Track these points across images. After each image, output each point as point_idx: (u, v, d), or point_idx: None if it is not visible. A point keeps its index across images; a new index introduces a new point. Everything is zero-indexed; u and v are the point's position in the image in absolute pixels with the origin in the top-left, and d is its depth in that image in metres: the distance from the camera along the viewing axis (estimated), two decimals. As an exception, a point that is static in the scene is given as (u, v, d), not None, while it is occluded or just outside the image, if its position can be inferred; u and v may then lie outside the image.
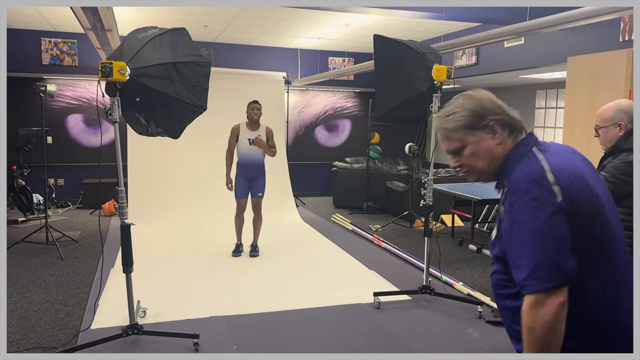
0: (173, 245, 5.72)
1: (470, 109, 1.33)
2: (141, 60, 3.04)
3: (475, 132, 1.33)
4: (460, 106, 1.34)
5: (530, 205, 1.19)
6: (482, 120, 1.32)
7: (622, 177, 2.30)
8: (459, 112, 1.33)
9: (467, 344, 3.32)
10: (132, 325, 3.20)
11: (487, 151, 1.33)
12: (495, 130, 1.31)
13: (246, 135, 5.20)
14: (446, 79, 3.77)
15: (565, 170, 1.23)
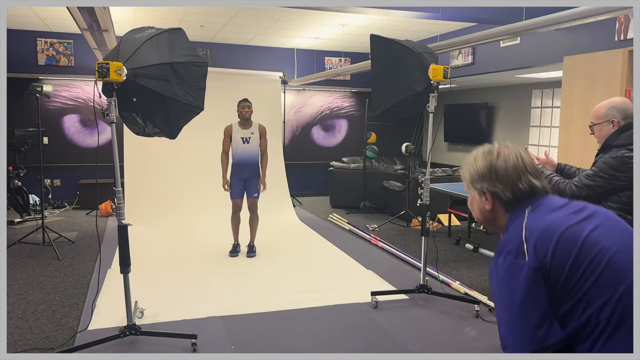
0: (170, 246, 5.72)
1: (476, 168, 1.37)
2: (138, 60, 3.03)
3: (472, 188, 1.39)
4: (474, 160, 1.38)
5: (505, 271, 1.21)
6: (478, 183, 1.35)
7: (611, 172, 2.33)
8: (470, 165, 1.39)
9: (464, 343, 3.33)
10: (130, 325, 3.20)
11: (480, 209, 1.39)
12: (487, 197, 1.35)
13: (239, 134, 5.20)
14: (443, 78, 3.77)
15: (539, 228, 1.22)
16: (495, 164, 1.33)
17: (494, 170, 1.33)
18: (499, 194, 1.32)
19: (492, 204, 1.34)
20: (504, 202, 1.32)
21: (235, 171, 5.26)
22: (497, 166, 1.33)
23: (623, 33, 4.43)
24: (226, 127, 5.27)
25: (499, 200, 1.33)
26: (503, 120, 8.36)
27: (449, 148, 9.83)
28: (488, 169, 1.34)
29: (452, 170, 7.54)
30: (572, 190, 2.45)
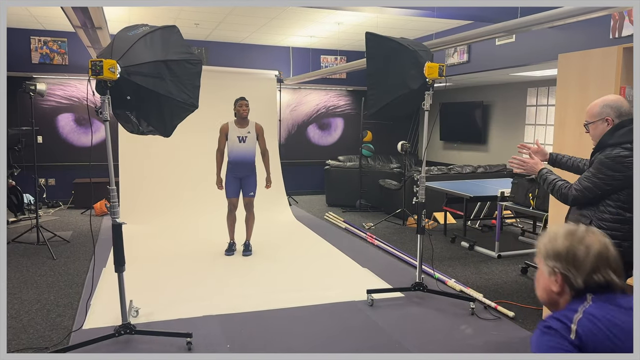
0: (165, 245, 5.70)
1: (554, 246, 1.28)
2: (132, 58, 3.02)
3: (544, 263, 1.30)
4: (554, 237, 1.29)
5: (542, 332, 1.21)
6: (552, 261, 1.27)
7: (609, 172, 2.33)
8: (548, 240, 1.30)
9: (460, 341, 3.33)
10: (125, 325, 3.18)
11: (545, 287, 1.31)
12: (557, 279, 1.27)
13: (235, 133, 5.18)
14: (438, 76, 3.77)
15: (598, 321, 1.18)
16: (575, 248, 1.24)
17: (573, 254, 1.24)
18: (570, 279, 1.24)
19: (560, 287, 1.26)
20: (573, 287, 1.25)
21: (230, 170, 5.25)
22: (578, 251, 1.24)
23: (618, 30, 4.44)
24: (222, 125, 5.24)
25: (568, 284, 1.25)
26: (498, 119, 8.37)
27: (445, 146, 9.84)
28: (567, 250, 1.25)
29: (448, 169, 7.55)
30: (574, 194, 2.44)
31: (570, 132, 3.22)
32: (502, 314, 3.75)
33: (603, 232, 1.32)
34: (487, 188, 6.10)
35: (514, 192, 4.92)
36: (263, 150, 5.36)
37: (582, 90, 3.12)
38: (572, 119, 3.20)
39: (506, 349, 3.23)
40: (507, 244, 5.81)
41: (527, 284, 4.51)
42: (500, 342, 3.33)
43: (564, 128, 3.27)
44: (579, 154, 3.16)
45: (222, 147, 5.25)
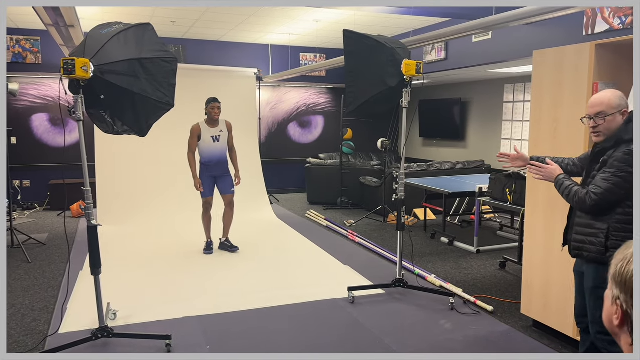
0: (144, 246, 5.62)
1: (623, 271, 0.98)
2: (105, 56, 2.96)
3: (611, 285, 1.02)
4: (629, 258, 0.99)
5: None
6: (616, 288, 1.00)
7: (629, 169, 2.19)
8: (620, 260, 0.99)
9: (439, 336, 3.36)
10: (102, 328, 3.13)
11: (608, 314, 1.04)
12: (617, 312, 0.99)
13: (209, 133, 5.13)
14: (415, 73, 3.79)
15: None
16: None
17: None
18: (632, 317, 0.96)
19: (620, 322, 0.99)
20: (633, 330, 0.98)
21: (206, 169, 5.19)
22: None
23: (590, 27, 4.52)
24: (193, 127, 5.12)
25: (629, 325, 0.97)
26: (476, 115, 8.46)
27: (424, 143, 9.90)
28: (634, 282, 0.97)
29: (427, 165, 7.60)
30: (594, 199, 2.26)
31: (546, 128, 3.26)
32: (481, 309, 3.79)
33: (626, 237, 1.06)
34: (465, 184, 6.16)
35: (492, 187, 4.97)
36: (231, 146, 5.34)
37: (556, 86, 3.16)
38: (547, 114, 3.24)
39: (485, 343, 3.27)
40: (486, 239, 5.87)
41: (505, 278, 4.57)
42: (480, 336, 3.36)
43: (540, 124, 3.31)
44: (554, 150, 3.20)
45: (193, 149, 5.12)
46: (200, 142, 5.12)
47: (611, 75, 2.95)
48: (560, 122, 3.15)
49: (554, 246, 3.24)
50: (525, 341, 3.27)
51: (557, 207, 3.19)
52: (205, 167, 5.18)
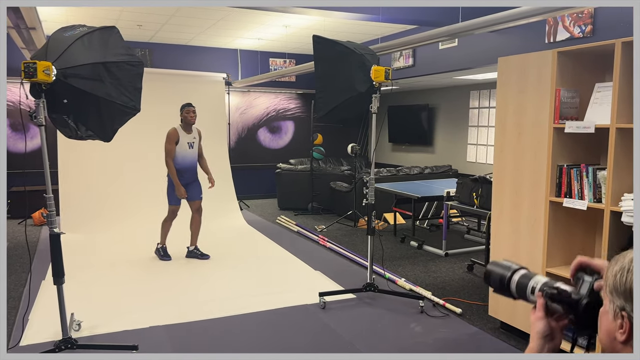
0: (109, 254, 5.48)
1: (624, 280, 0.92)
2: (68, 59, 2.89)
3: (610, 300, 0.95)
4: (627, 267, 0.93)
5: None
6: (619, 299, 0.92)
7: None
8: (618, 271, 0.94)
9: (410, 339, 3.38)
10: (65, 339, 3.03)
11: (608, 331, 0.96)
12: (624, 325, 0.91)
13: (185, 139, 5.05)
14: (384, 79, 3.83)
15: None
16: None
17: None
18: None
19: (627, 337, 0.91)
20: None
21: (178, 176, 5.10)
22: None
23: (552, 35, 4.66)
24: (171, 132, 4.99)
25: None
26: (444, 121, 8.60)
27: (393, 148, 10.01)
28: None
29: (397, 170, 7.68)
30: None
31: (510, 133, 3.34)
32: (450, 311, 3.84)
33: None
34: (433, 188, 6.25)
35: (459, 191, 5.06)
36: (200, 153, 5.29)
37: (520, 92, 3.25)
38: (512, 120, 3.32)
39: (454, 345, 3.30)
40: (454, 242, 5.96)
41: (473, 280, 4.64)
42: (449, 338, 3.40)
43: (504, 129, 3.39)
44: (518, 154, 3.28)
45: (173, 155, 4.99)
46: (177, 147, 5.02)
47: (572, 82, 3.04)
48: (524, 127, 3.23)
49: (519, 248, 3.31)
50: (494, 343, 3.33)
51: (522, 209, 3.27)
52: (178, 174, 5.08)
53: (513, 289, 1.16)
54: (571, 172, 2.95)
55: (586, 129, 2.81)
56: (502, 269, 1.19)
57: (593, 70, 3.08)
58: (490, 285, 1.21)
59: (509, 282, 1.17)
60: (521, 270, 1.17)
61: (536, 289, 1.12)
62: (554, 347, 1.11)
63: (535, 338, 1.11)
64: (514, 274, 1.16)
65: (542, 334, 1.10)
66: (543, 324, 1.10)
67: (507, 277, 1.17)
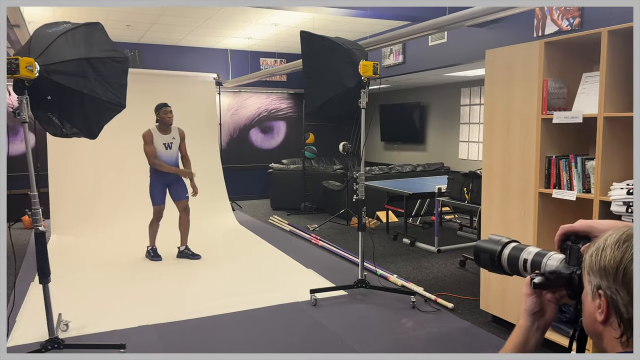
0: (100, 255, 5.43)
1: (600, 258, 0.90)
2: (52, 56, 2.85)
3: (588, 281, 0.93)
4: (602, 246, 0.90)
5: None
6: (595, 277, 0.90)
7: None
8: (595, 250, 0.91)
9: (401, 334, 3.36)
10: (52, 339, 2.99)
11: (590, 314, 0.93)
12: (602, 305, 0.89)
13: (161, 140, 4.99)
14: (373, 74, 3.81)
15: None
16: (627, 263, 0.86)
17: (623, 272, 0.86)
18: (619, 305, 0.86)
19: (605, 316, 0.88)
20: (623, 320, 0.86)
21: (157, 177, 5.05)
22: (630, 268, 0.85)
23: (541, 29, 4.66)
24: (145, 134, 4.96)
25: (617, 314, 0.87)
26: (435, 119, 8.60)
27: (386, 147, 10.00)
28: (616, 265, 0.87)
29: (389, 168, 7.67)
30: None
31: (499, 126, 3.33)
32: (442, 306, 3.82)
33: None
34: (425, 185, 6.24)
35: (450, 187, 5.05)
36: (184, 154, 5.23)
37: (508, 84, 3.24)
38: (501, 112, 3.31)
39: (446, 339, 3.28)
40: (447, 239, 5.95)
41: (465, 276, 4.63)
42: (441, 333, 3.38)
43: (493, 122, 3.38)
44: (507, 146, 3.27)
45: (155, 153, 4.96)
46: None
47: (560, 72, 3.04)
48: (513, 120, 3.22)
49: (510, 241, 3.29)
50: (485, 337, 3.31)
51: (512, 202, 3.25)
52: (156, 174, 5.04)
53: (505, 265, 1.11)
54: (560, 163, 2.94)
55: (574, 119, 2.81)
56: (491, 244, 1.13)
57: (581, 60, 3.07)
58: (481, 264, 1.15)
59: (499, 258, 1.11)
60: (511, 243, 1.12)
61: (528, 261, 1.08)
62: (544, 323, 1.09)
63: (524, 315, 1.09)
64: (504, 248, 1.11)
65: (530, 311, 1.07)
66: (531, 301, 1.07)
67: (497, 253, 1.11)
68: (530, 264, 1.09)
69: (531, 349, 1.09)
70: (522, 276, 1.12)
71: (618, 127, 2.69)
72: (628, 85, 2.70)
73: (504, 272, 1.15)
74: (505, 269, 1.13)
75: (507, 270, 1.13)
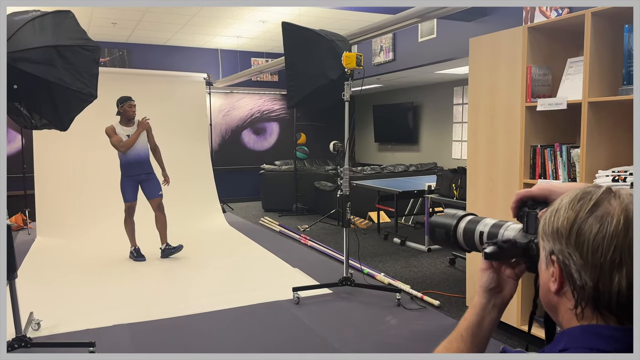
0: (83, 256, 5.30)
1: (554, 219, 0.78)
2: (17, 43, 2.75)
3: (542, 248, 0.82)
4: (558, 206, 0.79)
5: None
6: (549, 241, 0.79)
7: None
8: (551, 211, 0.80)
9: (385, 332, 3.24)
10: (19, 337, 2.87)
11: (543, 283, 0.83)
12: (555, 272, 0.78)
13: (124, 132, 4.90)
14: (356, 66, 3.72)
15: None
16: (582, 222, 0.74)
17: (577, 233, 0.74)
18: (572, 271, 0.75)
19: (559, 284, 0.78)
20: (577, 288, 0.75)
21: (126, 171, 4.96)
22: (584, 228, 0.73)
23: (530, 21, 4.56)
24: (108, 128, 4.86)
25: (570, 281, 0.76)
26: (428, 118, 8.51)
27: (380, 148, 9.90)
28: (569, 226, 0.75)
29: (381, 168, 7.57)
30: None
31: (483, 116, 3.23)
32: (428, 304, 3.70)
33: None
34: (416, 184, 6.13)
35: (439, 184, 4.94)
36: (153, 146, 5.16)
37: (492, 72, 3.14)
38: (485, 102, 3.21)
39: (430, 337, 3.16)
40: (438, 238, 5.83)
41: (454, 274, 4.51)
42: (426, 330, 3.26)
43: (477, 112, 3.28)
44: (491, 137, 3.17)
45: (121, 139, 4.85)
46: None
47: (544, 59, 2.94)
48: (497, 109, 3.12)
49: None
50: (471, 333, 3.19)
51: (497, 194, 3.15)
52: (125, 169, 4.96)
53: (461, 239, 1.00)
54: (545, 152, 2.84)
55: (558, 105, 2.71)
56: (446, 218, 1.02)
57: (566, 47, 2.98)
58: (437, 240, 1.05)
59: (455, 233, 1.00)
60: (468, 216, 1.01)
61: (484, 233, 0.97)
62: (502, 301, 0.98)
63: (479, 292, 0.97)
64: (459, 221, 1.00)
65: (486, 287, 0.96)
66: (487, 276, 0.96)
67: (452, 227, 1.01)
68: (486, 236, 0.98)
69: (486, 328, 0.98)
70: (479, 252, 1.01)
71: (604, 112, 2.59)
72: (614, 69, 2.60)
73: (460, 248, 1.04)
74: (462, 245, 1.03)
75: (463, 245, 1.03)
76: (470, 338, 0.97)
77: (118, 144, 4.85)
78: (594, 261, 0.72)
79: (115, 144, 4.86)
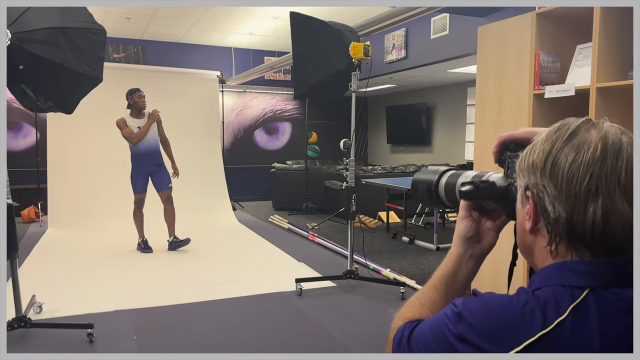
0: (91, 246, 5.34)
1: (530, 152, 0.73)
2: (24, 24, 2.78)
3: (519, 185, 0.76)
4: (536, 140, 0.74)
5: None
6: (524, 175, 0.74)
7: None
8: (527, 151, 0.75)
9: (385, 324, 3.17)
10: (19, 317, 2.88)
11: (520, 225, 0.79)
12: (529, 209, 0.73)
13: (135, 124, 4.92)
14: (363, 56, 3.69)
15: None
16: (557, 152, 0.69)
17: (552, 163, 0.69)
18: (545, 204, 0.70)
19: (534, 221, 0.73)
20: (550, 222, 0.70)
21: (137, 163, 4.99)
22: (559, 157, 0.68)
23: (542, 16, 4.49)
24: (119, 120, 4.87)
25: (544, 215, 0.70)
26: (441, 119, 8.43)
27: (392, 150, 9.84)
28: (544, 157, 0.70)
29: (392, 168, 7.51)
30: None
31: (490, 106, 3.17)
32: (433, 298, 3.63)
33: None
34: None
35: (449, 180, 4.87)
36: (163, 139, 5.19)
37: (501, 61, 3.08)
38: (492, 92, 3.15)
39: (433, 329, 3.10)
40: (447, 237, 5.74)
41: (462, 271, 4.43)
42: (428, 323, 3.19)
43: (485, 103, 3.22)
44: (498, 127, 3.11)
45: (132, 130, 4.87)
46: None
47: (552, 45, 2.87)
48: (505, 98, 3.06)
49: (503, 231, 3.11)
50: (475, 327, 3.12)
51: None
52: (137, 160, 4.99)
53: (442, 195, 0.95)
54: (552, 140, 2.77)
55: (566, 91, 2.64)
56: (428, 174, 0.98)
57: (575, 34, 2.90)
58: (419, 198, 0.99)
59: (436, 188, 0.95)
60: (450, 171, 0.96)
61: None
62: (480, 251, 0.93)
63: (456, 242, 0.93)
64: (441, 176, 0.96)
65: (463, 236, 0.92)
66: (464, 224, 0.92)
67: (434, 182, 0.96)
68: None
69: (461, 280, 0.93)
70: None
71: (612, 98, 2.51)
72: (623, 54, 2.53)
73: (442, 204, 0.99)
74: (444, 201, 0.98)
75: (445, 201, 0.97)
76: (444, 287, 0.93)
77: (129, 135, 4.88)
78: (568, 191, 0.67)
79: (127, 136, 4.89)
